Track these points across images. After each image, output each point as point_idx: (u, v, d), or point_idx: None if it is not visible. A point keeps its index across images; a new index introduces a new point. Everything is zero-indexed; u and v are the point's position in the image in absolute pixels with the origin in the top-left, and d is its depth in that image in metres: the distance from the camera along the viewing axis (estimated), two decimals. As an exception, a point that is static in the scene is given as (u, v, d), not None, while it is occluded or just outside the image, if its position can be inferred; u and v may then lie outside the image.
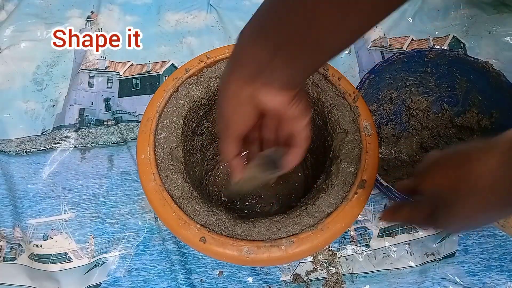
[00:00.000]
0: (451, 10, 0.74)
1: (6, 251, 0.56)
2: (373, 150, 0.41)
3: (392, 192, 0.47)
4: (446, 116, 0.60)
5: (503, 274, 0.53)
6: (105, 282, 0.54)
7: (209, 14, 0.76)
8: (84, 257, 0.56)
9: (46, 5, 0.78)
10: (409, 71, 0.57)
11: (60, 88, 0.71)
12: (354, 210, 0.38)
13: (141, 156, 0.41)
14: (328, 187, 0.40)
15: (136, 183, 0.61)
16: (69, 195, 0.61)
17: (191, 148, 0.49)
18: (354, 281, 0.54)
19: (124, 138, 0.65)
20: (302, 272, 0.54)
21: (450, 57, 0.54)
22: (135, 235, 0.57)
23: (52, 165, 0.63)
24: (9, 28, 0.74)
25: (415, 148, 0.62)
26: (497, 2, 0.73)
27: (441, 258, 0.55)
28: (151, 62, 0.73)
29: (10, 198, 0.60)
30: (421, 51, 0.54)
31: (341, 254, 0.56)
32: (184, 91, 0.45)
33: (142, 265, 0.55)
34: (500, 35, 0.71)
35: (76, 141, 0.65)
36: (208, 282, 0.54)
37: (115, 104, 0.69)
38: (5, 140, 0.65)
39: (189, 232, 0.37)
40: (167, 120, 0.43)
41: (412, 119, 0.61)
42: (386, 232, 0.57)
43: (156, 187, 0.39)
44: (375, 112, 0.60)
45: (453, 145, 0.59)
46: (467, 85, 0.56)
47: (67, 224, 0.58)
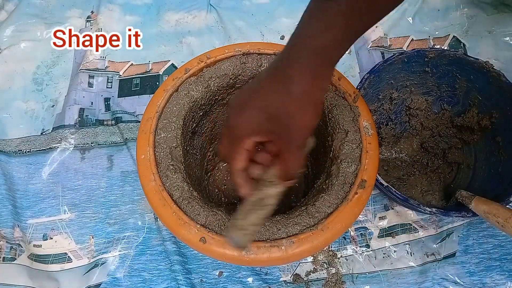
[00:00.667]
0: (451, 10, 0.74)
1: (6, 251, 0.56)
2: (373, 150, 0.41)
3: (392, 192, 0.47)
4: (446, 116, 0.60)
5: (503, 274, 0.53)
6: (105, 282, 0.54)
7: (209, 14, 0.76)
8: (84, 257, 0.56)
9: (46, 5, 0.78)
10: (409, 71, 0.57)
11: (60, 88, 0.70)
12: (354, 210, 0.38)
13: (141, 156, 0.41)
14: (328, 187, 0.40)
15: (136, 183, 0.61)
16: (69, 195, 0.60)
17: (191, 148, 0.49)
18: (354, 281, 0.54)
19: (124, 138, 0.65)
20: (302, 272, 0.54)
21: (450, 57, 0.54)
22: (135, 235, 0.57)
23: (52, 165, 0.63)
24: (9, 28, 0.74)
25: (415, 148, 0.62)
26: (497, 2, 0.73)
27: (441, 258, 0.55)
28: (151, 62, 0.73)
29: (10, 198, 0.60)
30: (421, 51, 0.54)
31: (341, 254, 0.56)
32: (184, 91, 0.45)
33: (142, 265, 0.55)
34: (500, 35, 0.71)
35: (76, 141, 0.65)
36: (208, 283, 0.54)
37: (115, 104, 0.68)
38: (5, 140, 0.65)
39: (189, 232, 0.37)
40: (167, 120, 0.43)
41: (412, 119, 0.61)
42: (386, 232, 0.57)
43: (156, 187, 0.39)
44: (375, 112, 0.60)
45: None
46: (467, 85, 0.56)
47: (67, 224, 0.58)
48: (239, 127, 0.33)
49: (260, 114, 0.32)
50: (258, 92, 0.33)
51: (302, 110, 0.31)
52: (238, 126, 0.33)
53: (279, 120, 0.31)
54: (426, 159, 0.60)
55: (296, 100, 0.31)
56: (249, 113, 0.32)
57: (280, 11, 0.76)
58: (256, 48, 0.47)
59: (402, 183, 0.59)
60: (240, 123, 0.33)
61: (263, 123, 0.32)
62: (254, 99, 0.32)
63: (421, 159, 0.61)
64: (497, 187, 0.51)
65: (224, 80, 0.47)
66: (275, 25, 0.75)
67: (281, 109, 0.31)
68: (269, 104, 0.31)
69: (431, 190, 0.58)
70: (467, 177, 0.58)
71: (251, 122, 0.32)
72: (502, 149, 0.53)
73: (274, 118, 0.31)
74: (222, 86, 0.47)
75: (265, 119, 0.32)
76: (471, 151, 0.59)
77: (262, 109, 0.32)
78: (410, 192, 0.58)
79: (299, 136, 0.32)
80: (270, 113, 0.31)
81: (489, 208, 0.45)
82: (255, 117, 0.32)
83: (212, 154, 0.57)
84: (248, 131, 0.33)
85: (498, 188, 0.51)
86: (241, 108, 0.33)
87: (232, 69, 0.46)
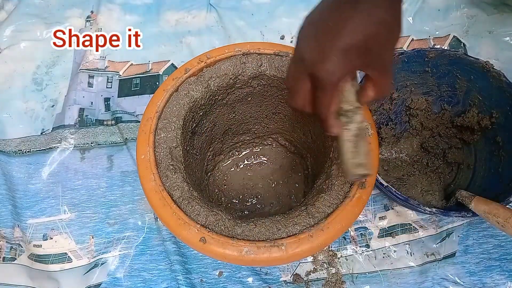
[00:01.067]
0: (451, 10, 0.74)
1: (6, 251, 0.56)
2: (373, 150, 0.41)
3: (392, 192, 0.47)
4: (446, 116, 0.60)
5: (503, 274, 0.53)
6: (105, 282, 0.54)
7: (209, 14, 0.76)
8: (84, 257, 0.56)
9: (46, 5, 0.78)
10: (409, 71, 0.57)
11: (60, 88, 0.70)
12: (354, 210, 0.38)
13: (141, 156, 0.40)
14: (328, 187, 0.40)
15: (136, 183, 0.61)
16: (69, 195, 0.60)
17: (191, 148, 0.49)
18: (354, 281, 0.54)
19: (124, 138, 0.65)
20: (302, 272, 0.54)
21: (450, 57, 0.54)
22: (135, 235, 0.57)
23: (52, 165, 0.63)
24: (9, 28, 0.74)
25: (415, 148, 0.62)
26: (498, 2, 0.73)
27: (441, 258, 0.55)
28: (151, 62, 0.73)
29: (10, 198, 0.60)
30: (421, 51, 0.54)
31: (341, 254, 0.56)
32: (184, 91, 0.45)
33: (142, 265, 0.55)
34: (500, 35, 0.71)
35: (75, 141, 0.65)
36: (208, 282, 0.54)
37: (115, 104, 0.68)
38: (5, 140, 0.65)
39: (189, 232, 0.37)
40: (167, 120, 0.43)
41: (413, 119, 0.61)
42: (386, 232, 0.57)
43: (156, 187, 0.39)
44: (375, 112, 0.60)
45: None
46: (467, 85, 0.56)
47: (67, 224, 0.58)
48: (329, 74, 0.30)
49: (348, 54, 0.30)
50: (335, 29, 0.30)
51: (389, 32, 0.30)
52: (328, 74, 0.30)
53: (369, 51, 0.30)
54: (426, 159, 0.60)
55: (380, 23, 0.29)
56: (335, 57, 0.30)
57: (280, 11, 0.76)
58: (256, 48, 0.47)
59: (402, 183, 0.59)
60: (330, 71, 0.30)
61: (353, 60, 0.30)
62: (335, 39, 0.30)
63: (421, 159, 0.61)
64: (497, 187, 0.51)
65: (224, 80, 0.47)
66: (275, 25, 0.75)
67: (369, 40, 0.29)
68: (354, 38, 0.29)
69: (431, 190, 0.58)
70: (467, 177, 0.58)
71: (341, 67, 0.30)
72: (502, 149, 0.53)
73: (363, 51, 0.30)
74: (222, 86, 0.47)
75: (355, 56, 0.30)
76: (471, 151, 0.59)
77: (349, 47, 0.29)
78: (410, 192, 0.58)
79: (390, 58, 0.32)
80: (358, 48, 0.30)
81: (489, 208, 0.45)
82: (343, 59, 0.30)
83: (212, 154, 0.57)
84: (340, 75, 0.31)
85: (498, 188, 0.51)
86: (323, 53, 0.30)
87: (232, 69, 0.46)
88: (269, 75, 0.47)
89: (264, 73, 0.47)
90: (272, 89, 0.50)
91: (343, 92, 0.34)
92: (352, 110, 0.34)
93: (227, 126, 0.55)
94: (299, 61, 0.33)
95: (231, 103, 0.51)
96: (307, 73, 0.32)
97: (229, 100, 0.50)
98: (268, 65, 0.47)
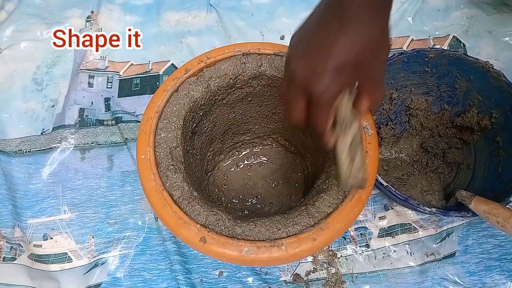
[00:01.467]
0: (451, 10, 0.74)
1: (6, 251, 0.56)
2: (373, 150, 0.41)
3: (392, 192, 0.47)
4: (446, 116, 0.60)
5: (503, 274, 0.53)
6: (105, 282, 0.54)
7: (209, 14, 0.76)
8: (84, 257, 0.56)
9: (46, 5, 0.78)
10: (409, 71, 0.57)
11: (60, 88, 0.71)
12: (354, 210, 0.38)
13: (141, 156, 0.41)
14: (328, 187, 0.40)
15: (136, 183, 0.61)
16: (69, 195, 0.60)
17: (191, 148, 0.49)
18: (354, 281, 0.54)
19: (124, 138, 0.65)
20: (302, 272, 0.54)
21: (450, 57, 0.54)
22: (135, 235, 0.57)
23: (52, 165, 0.63)
24: (9, 28, 0.74)
25: (415, 148, 0.62)
26: (497, 2, 0.73)
27: (441, 258, 0.55)
28: (151, 62, 0.73)
29: (10, 198, 0.60)
30: (421, 51, 0.54)
31: (341, 254, 0.56)
32: (184, 91, 0.45)
33: (142, 265, 0.55)
34: (500, 35, 0.71)
35: (76, 141, 0.65)
36: (208, 282, 0.54)
37: (115, 104, 0.69)
38: (5, 140, 0.65)
39: (189, 232, 0.37)
40: (167, 120, 0.43)
41: (412, 119, 0.61)
42: (386, 232, 0.57)
43: (156, 187, 0.39)
44: (375, 112, 0.60)
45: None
46: (467, 85, 0.56)
47: (67, 224, 0.58)
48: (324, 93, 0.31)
49: (340, 72, 0.30)
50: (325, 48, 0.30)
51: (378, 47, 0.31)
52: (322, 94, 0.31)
53: (360, 67, 0.30)
54: (426, 159, 0.60)
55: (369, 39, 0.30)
56: (327, 77, 0.30)
57: (280, 11, 0.76)
58: (256, 48, 0.47)
59: (402, 183, 0.59)
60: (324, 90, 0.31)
61: (346, 78, 0.31)
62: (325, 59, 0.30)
63: (421, 159, 0.61)
64: (497, 187, 0.51)
65: (224, 80, 0.47)
66: (275, 25, 0.75)
67: (359, 56, 0.30)
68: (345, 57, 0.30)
69: (431, 190, 0.58)
70: (467, 177, 0.58)
71: (334, 85, 0.31)
72: (502, 149, 0.53)
73: (354, 68, 0.30)
74: (222, 86, 0.47)
75: (347, 74, 0.30)
76: (471, 151, 0.59)
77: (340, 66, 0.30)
78: (410, 192, 0.58)
79: (382, 71, 0.32)
80: (349, 65, 0.30)
81: (489, 208, 0.45)
82: (336, 78, 0.30)
83: (212, 154, 0.57)
84: (334, 93, 0.31)
85: (498, 188, 0.51)
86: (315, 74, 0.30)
87: (232, 69, 0.47)
88: (269, 75, 0.47)
89: (264, 73, 0.47)
90: (272, 89, 0.50)
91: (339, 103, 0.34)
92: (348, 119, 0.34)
93: (227, 126, 0.55)
94: (292, 80, 0.33)
95: (231, 103, 0.51)
96: (301, 91, 0.32)
97: (229, 100, 0.50)
98: (268, 65, 0.47)
